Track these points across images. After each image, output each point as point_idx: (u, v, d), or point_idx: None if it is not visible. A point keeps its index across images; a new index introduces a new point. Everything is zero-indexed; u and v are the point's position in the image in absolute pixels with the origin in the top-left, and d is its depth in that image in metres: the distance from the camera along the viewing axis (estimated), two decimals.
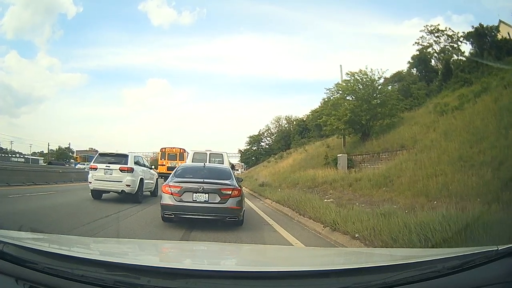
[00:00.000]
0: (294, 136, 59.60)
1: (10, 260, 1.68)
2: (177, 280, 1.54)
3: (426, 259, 1.81)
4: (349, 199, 11.01)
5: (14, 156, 73.83)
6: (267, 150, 66.96)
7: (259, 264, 2.38)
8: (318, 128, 48.38)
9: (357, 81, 21.61)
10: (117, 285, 1.55)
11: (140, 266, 1.63)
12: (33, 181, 17.39)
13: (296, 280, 1.61)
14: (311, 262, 2.51)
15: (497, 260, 1.61)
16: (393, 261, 2.06)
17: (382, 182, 11.67)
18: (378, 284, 1.56)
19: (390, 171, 12.31)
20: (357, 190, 12.19)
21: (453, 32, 33.67)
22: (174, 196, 7.34)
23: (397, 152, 15.40)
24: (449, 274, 1.59)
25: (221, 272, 1.70)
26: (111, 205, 10.74)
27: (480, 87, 16.46)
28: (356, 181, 13.15)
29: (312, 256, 2.95)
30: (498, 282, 1.55)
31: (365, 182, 12.42)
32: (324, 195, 12.79)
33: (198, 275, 1.58)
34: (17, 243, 1.83)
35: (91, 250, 2.36)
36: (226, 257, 2.78)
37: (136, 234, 6.59)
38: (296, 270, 1.77)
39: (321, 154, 24.73)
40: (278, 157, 45.96)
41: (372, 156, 18.16)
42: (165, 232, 7.05)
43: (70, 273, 1.60)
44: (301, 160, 29.25)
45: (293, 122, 67.57)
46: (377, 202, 9.51)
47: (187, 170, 8.71)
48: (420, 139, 14.56)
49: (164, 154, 25.57)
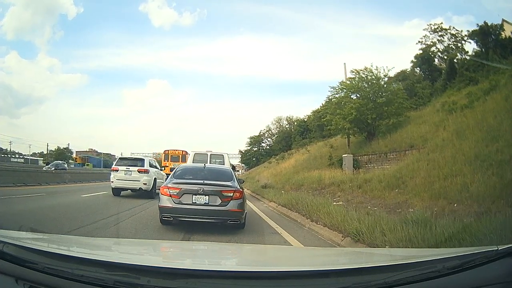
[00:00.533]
0: (295, 136, 59.34)
1: (10, 260, 1.69)
2: (177, 280, 1.54)
3: (426, 259, 1.81)
4: (359, 202, 10.43)
5: (14, 156, 74.07)
6: (268, 151, 66.74)
7: (259, 264, 2.38)
8: (320, 128, 47.81)
9: (362, 79, 21.09)
10: (117, 285, 1.55)
11: (140, 266, 1.62)
12: (24, 182, 16.89)
13: (296, 280, 1.61)
14: (311, 262, 2.51)
15: (497, 260, 1.61)
16: (393, 261, 2.06)
17: (394, 183, 10.97)
18: (378, 284, 1.56)
19: (401, 171, 11.72)
20: (367, 192, 11.47)
21: (456, 31, 33.36)
22: (173, 198, 6.93)
23: (406, 152, 14.89)
24: (449, 274, 1.58)
25: (221, 272, 1.70)
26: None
27: (488, 85, 16.02)
28: (365, 183, 12.47)
29: (312, 256, 2.95)
30: (498, 282, 1.55)
31: (375, 183, 11.70)
32: (331, 197, 12.20)
33: (198, 275, 1.58)
34: (17, 243, 1.83)
35: (91, 250, 2.35)
36: (226, 257, 2.78)
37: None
38: (296, 270, 1.78)
39: (325, 154, 24.16)
40: (279, 158, 45.57)
41: (379, 156, 17.60)
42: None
43: (70, 273, 1.60)
44: (304, 161, 28.48)
45: (294, 123, 67.24)
46: (391, 205, 9.06)
47: (186, 171, 8.32)
48: (430, 138, 14.09)
49: (167, 156, 26.90)
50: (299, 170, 23.73)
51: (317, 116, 50.20)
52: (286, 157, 42.00)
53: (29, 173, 20.53)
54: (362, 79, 21.14)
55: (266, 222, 9.20)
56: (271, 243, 6.39)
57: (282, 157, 44.53)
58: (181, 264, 2.09)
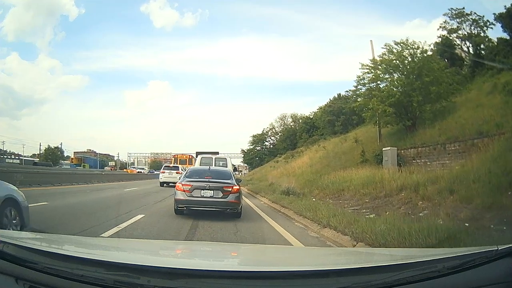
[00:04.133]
0: (301, 134, 58.36)
1: (10, 260, 1.68)
2: (177, 280, 1.54)
3: (426, 259, 1.81)
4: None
5: (10, 157, 73.33)
6: (272, 150, 65.63)
7: (259, 264, 2.38)
8: (330, 124, 47.38)
9: (399, 55, 17.22)
10: (117, 285, 1.55)
11: (140, 266, 1.62)
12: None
13: (296, 280, 1.61)
14: (311, 262, 2.51)
15: (497, 260, 1.61)
16: (393, 261, 2.06)
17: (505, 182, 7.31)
18: (378, 284, 1.56)
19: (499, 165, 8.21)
20: (473, 199, 7.42)
21: (478, 16, 29.93)
22: (185, 193, 8.81)
23: (474, 141, 11.53)
24: (449, 274, 1.58)
25: (221, 272, 1.69)
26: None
27: None
28: (464, 185, 8.26)
29: (312, 256, 2.95)
30: (498, 282, 1.55)
31: (481, 184, 7.81)
32: (411, 209, 8.52)
33: (198, 275, 1.58)
34: (17, 243, 1.83)
35: (91, 250, 2.35)
36: (226, 257, 2.78)
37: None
38: (296, 270, 1.77)
39: (348, 150, 21.28)
40: (287, 156, 43.95)
41: (433, 148, 13.75)
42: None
43: (70, 273, 1.60)
44: (321, 159, 25.49)
45: (299, 120, 66.11)
46: None
47: (195, 172, 10.24)
48: (506, 121, 11.04)
49: (176, 160, 32.07)
50: (319, 170, 21.19)
51: (327, 111, 49.53)
52: (295, 156, 39.99)
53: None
54: (400, 54, 17.38)
55: None
56: None
57: (291, 155, 42.64)
58: (181, 264, 2.08)
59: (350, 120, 43.54)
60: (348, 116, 43.96)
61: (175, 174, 22.67)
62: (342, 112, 45.73)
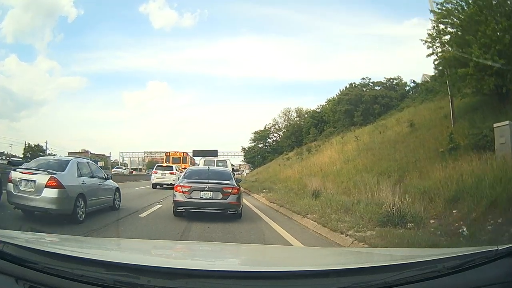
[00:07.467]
0: (308, 129, 54.19)
1: (10, 260, 1.68)
2: (177, 280, 1.54)
3: (426, 259, 1.81)
4: None
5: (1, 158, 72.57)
6: (275, 148, 62.46)
7: (259, 264, 2.38)
8: (348, 114, 41.75)
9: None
10: (117, 285, 1.55)
11: (140, 266, 1.62)
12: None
13: (296, 280, 1.61)
14: (311, 262, 2.51)
15: (497, 260, 1.61)
16: (393, 261, 2.06)
17: None
18: (378, 284, 1.56)
19: None
20: None
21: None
22: (184, 194, 8.61)
23: None
24: (449, 274, 1.58)
25: (221, 272, 1.70)
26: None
27: None
28: None
29: (312, 256, 2.95)
30: (498, 282, 1.55)
31: None
32: None
33: (198, 275, 1.58)
34: (17, 243, 1.83)
35: (91, 250, 2.36)
36: (226, 257, 2.78)
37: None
38: (296, 270, 1.77)
39: (402, 138, 16.18)
40: (299, 152, 36.60)
41: None
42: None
43: (70, 273, 1.60)
44: (359, 151, 19.25)
45: (304, 115, 62.25)
46: None
47: (194, 173, 10.06)
48: None
49: (168, 158, 28.80)
50: (370, 166, 14.66)
51: (343, 101, 43.99)
52: (312, 151, 32.41)
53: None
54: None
55: None
56: None
57: (307, 150, 34.35)
58: (181, 264, 2.09)
59: (371, 109, 39.79)
60: (369, 105, 40.26)
61: (169, 174, 20.86)
62: (361, 101, 41.63)
